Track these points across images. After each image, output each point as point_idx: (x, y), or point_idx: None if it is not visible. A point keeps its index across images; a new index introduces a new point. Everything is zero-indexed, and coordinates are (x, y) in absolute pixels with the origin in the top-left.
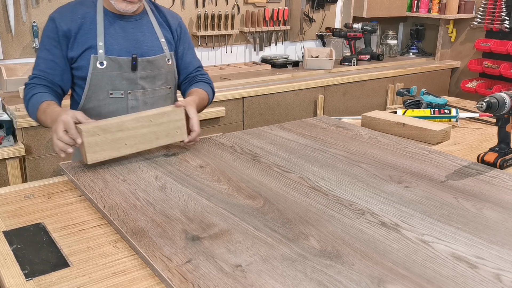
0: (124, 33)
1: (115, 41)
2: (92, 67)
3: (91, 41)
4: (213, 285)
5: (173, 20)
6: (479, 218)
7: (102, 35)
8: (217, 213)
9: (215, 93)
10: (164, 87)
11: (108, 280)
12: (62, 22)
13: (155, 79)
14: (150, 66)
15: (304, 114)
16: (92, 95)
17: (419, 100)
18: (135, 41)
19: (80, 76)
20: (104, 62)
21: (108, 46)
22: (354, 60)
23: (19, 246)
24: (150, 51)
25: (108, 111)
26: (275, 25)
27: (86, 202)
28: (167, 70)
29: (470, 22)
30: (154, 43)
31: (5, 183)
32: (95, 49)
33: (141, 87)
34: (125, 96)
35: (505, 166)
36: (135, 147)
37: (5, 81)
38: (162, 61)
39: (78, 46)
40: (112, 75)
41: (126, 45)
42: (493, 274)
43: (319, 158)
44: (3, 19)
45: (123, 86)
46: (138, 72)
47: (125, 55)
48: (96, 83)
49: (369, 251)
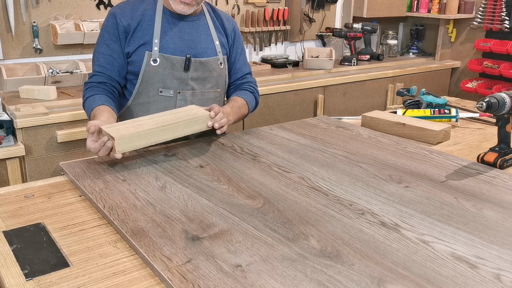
0: (180, 33)
1: (170, 39)
2: (145, 63)
3: (147, 38)
4: (213, 285)
5: (228, 24)
6: (479, 218)
7: (158, 33)
8: (217, 213)
9: (258, 102)
10: (213, 90)
11: (108, 280)
12: (122, 18)
13: (206, 81)
14: (202, 68)
15: (304, 114)
16: (143, 91)
17: (419, 100)
18: (190, 41)
19: (133, 71)
20: (158, 59)
21: (163, 44)
22: (354, 60)
23: (19, 246)
24: (204, 52)
25: (156, 108)
26: (275, 25)
27: (86, 202)
28: (219, 73)
29: (470, 22)
30: (209, 45)
31: (5, 183)
32: (150, 46)
33: (191, 88)
34: (174, 95)
35: (505, 166)
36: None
37: (5, 81)
38: (214, 63)
39: (134, 42)
40: (164, 73)
41: (181, 44)
42: (493, 274)
43: (319, 158)
44: (3, 19)
45: (173, 85)
46: (190, 73)
47: (179, 55)
48: (148, 80)
49: (369, 251)
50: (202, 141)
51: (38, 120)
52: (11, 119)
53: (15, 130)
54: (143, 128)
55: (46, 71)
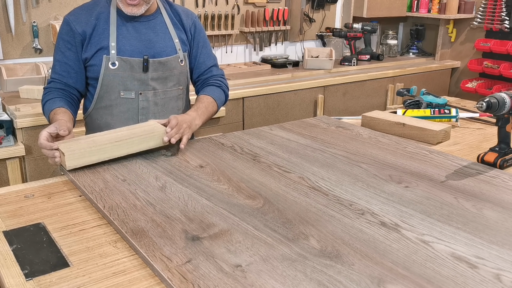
0: (136, 34)
1: (127, 41)
2: (104, 67)
3: (104, 42)
4: (213, 285)
5: (187, 20)
6: (479, 218)
7: (114, 36)
8: (217, 213)
9: (228, 94)
10: (176, 88)
11: (108, 280)
12: (77, 25)
13: (167, 80)
14: (162, 67)
15: (304, 114)
16: (104, 95)
17: (419, 100)
18: (148, 41)
19: (93, 76)
20: (116, 62)
21: (120, 47)
22: (354, 60)
23: (19, 246)
24: (163, 52)
25: (119, 111)
26: (275, 25)
27: (86, 202)
28: (180, 71)
29: (470, 22)
30: (167, 44)
31: (5, 183)
32: (108, 50)
33: (152, 88)
34: (136, 97)
35: (505, 166)
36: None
37: (5, 81)
38: (175, 62)
39: (91, 47)
40: (124, 75)
41: (138, 45)
42: (493, 274)
43: (319, 158)
44: (3, 19)
45: (134, 87)
46: (150, 73)
47: (137, 56)
48: (108, 83)
49: (369, 251)
50: (202, 141)
51: (38, 120)
52: (11, 119)
53: (15, 130)
54: (96, 143)
55: (46, 71)
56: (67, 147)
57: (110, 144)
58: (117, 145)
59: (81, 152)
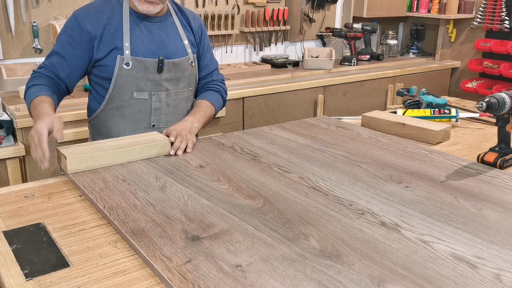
0: (149, 34)
1: (141, 42)
2: (118, 68)
3: (118, 42)
4: (213, 285)
5: (194, 22)
6: (479, 218)
7: (128, 36)
8: (217, 213)
9: (226, 99)
10: (186, 89)
11: (108, 280)
12: (87, 22)
13: (179, 81)
14: (175, 68)
15: (304, 114)
16: (116, 95)
17: (419, 100)
18: (160, 42)
19: (105, 76)
20: (130, 62)
21: (134, 47)
22: (354, 60)
23: (19, 246)
24: (175, 53)
25: (131, 112)
26: (275, 25)
27: (86, 202)
28: (190, 72)
29: (470, 22)
30: (179, 45)
31: (5, 183)
32: (121, 50)
33: (165, 89)
34: (149, 98)
35: (505, 166)
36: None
37: (5, 81)
38: (186, 63)
39: (104, 47)
40: (138, 76)
41: (151, 46)
42: (493, 274)
43: (319, 158)
44: (3, 19)
45: (147, 88)
46: (164, 74)
47: (151, 57)
48: (121, 84)
49: (369, 251)
50: (202, 141)
51: None
52: (11, 119)
53: (15, 130)
54: (98, 149)
55: None
56: (70, 151)
57: (112, 150)
58: (119, 152)
59: (83, 157)
